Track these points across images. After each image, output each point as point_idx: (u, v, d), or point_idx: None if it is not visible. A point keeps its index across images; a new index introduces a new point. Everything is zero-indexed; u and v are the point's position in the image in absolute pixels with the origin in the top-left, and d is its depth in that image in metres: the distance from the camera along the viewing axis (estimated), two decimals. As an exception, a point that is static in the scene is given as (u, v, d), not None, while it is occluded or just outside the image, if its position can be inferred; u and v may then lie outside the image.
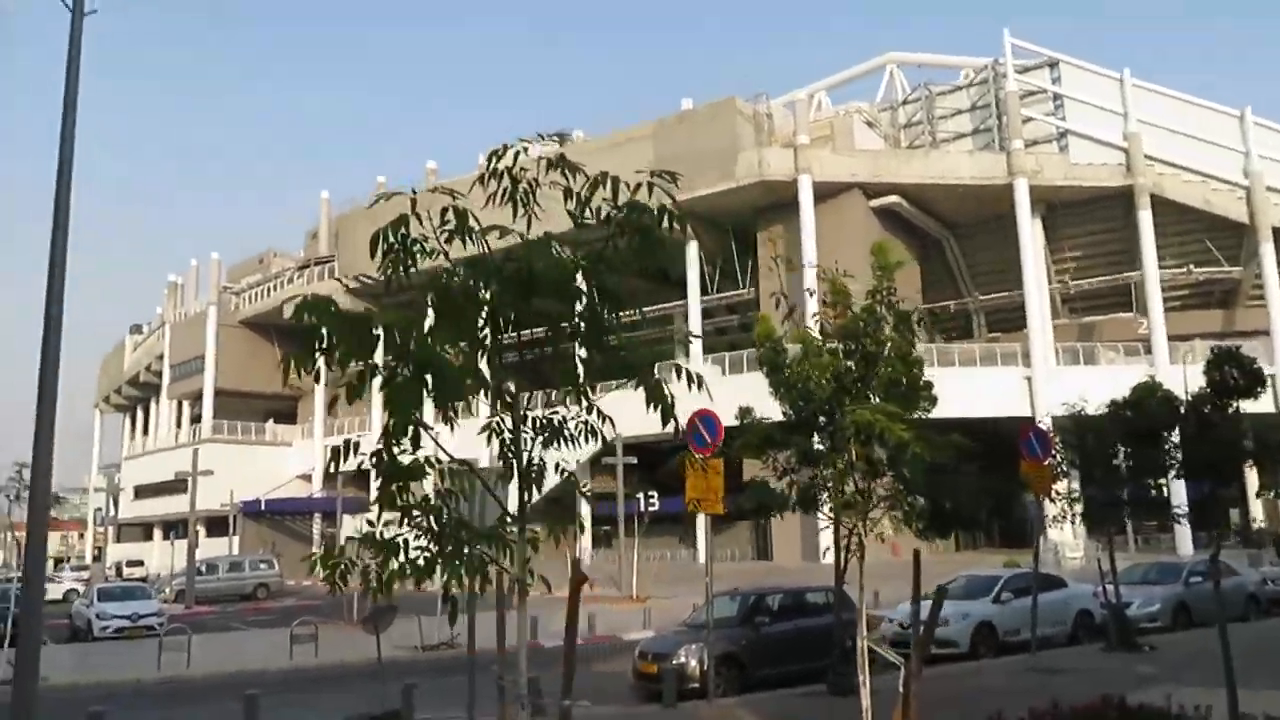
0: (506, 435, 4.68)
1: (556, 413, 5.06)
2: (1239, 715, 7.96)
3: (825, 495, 11.79)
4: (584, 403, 5.07)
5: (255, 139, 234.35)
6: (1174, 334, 51.47)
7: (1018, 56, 54.03)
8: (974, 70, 57.74)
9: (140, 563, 62.98)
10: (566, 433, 5.02)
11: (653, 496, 56.08)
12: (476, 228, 4.66)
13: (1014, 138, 51.31)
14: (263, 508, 62.62)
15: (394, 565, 3.98)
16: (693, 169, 51.87)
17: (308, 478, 68.27)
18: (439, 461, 4.38)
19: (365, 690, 12.51)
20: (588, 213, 4.99)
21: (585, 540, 56.84)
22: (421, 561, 3.93)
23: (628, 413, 6.11)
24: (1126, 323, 53.89)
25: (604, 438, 5.30)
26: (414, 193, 4.60)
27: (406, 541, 4.03)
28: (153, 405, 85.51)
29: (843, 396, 11.43)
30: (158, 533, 74.99)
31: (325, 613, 23.91)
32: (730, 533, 52.70)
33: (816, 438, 11.56)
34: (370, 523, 4.38)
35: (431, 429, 4.30)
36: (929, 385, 12.61)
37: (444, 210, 4.31)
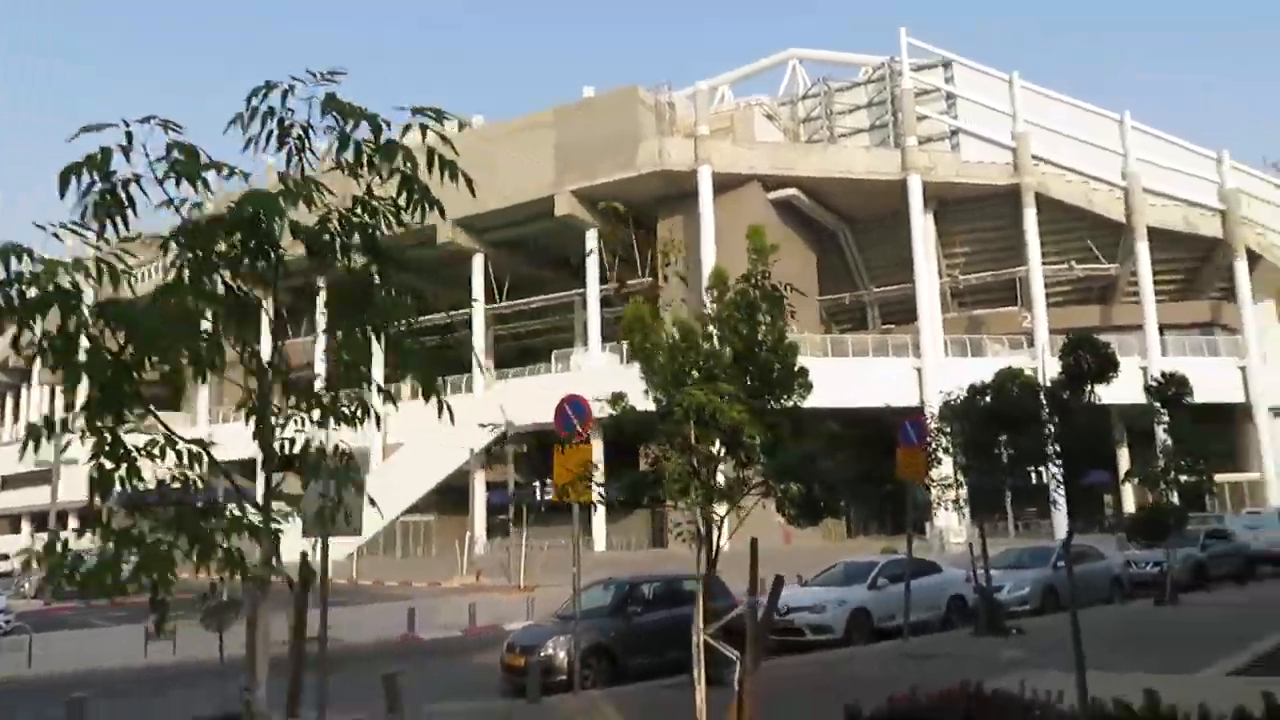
0: (256, 406, 4.17)
1: (332, 392, 4.51)
2: (1089, 699, 7.98)
3: (696, 483, 11.58)
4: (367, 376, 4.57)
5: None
6: (1056, 328, 53.25)
7: (913, 55, 55.14)
8: (872, 68, 58.73)
9: (5, 556, 59.61)
10: (344, 410, 4.49)
11: (548, 485, 55.62)
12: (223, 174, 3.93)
13: (908, 135, 52.36)
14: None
15: (122, 559, 3.47)
16: (594, 157, 51.61)
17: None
18: (173, 442, 3.83)
19: (219, 690, 11.85)
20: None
21: (480, 529, 56.15)
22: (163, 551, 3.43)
23: (525, 399, 5.77)
24: (1012, 316, 55.64)
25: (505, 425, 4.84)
26: (126, 124, 3.64)
27: (143, 533, 3.51)
28: (23, 391, 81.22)
29: (713, 384, 11.21)
30: (26, 525, 71.24)
31: (197, 607, 22.86)
32: (628, 522, 52.59)
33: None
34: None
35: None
36: (804, 372, 12.48)
37: (169, 147, 3.67)
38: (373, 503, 5.44)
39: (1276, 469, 51.35)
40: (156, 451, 3.67)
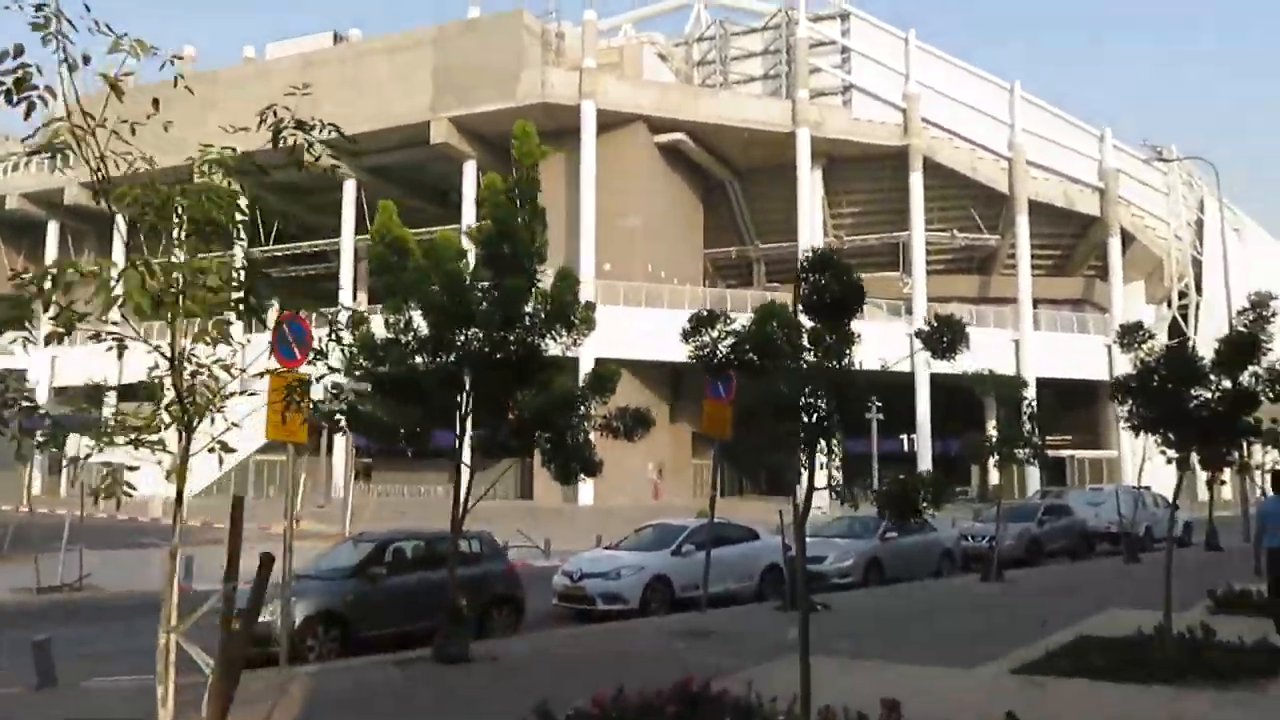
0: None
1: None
2: (821, 709, 6.66)
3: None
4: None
5: None
6: (935, 295, 53.20)
7: (812, 5, 53.75)
8: (769, 14, 57.12)
9: None
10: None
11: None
12: None
13: (800, 86, 51.06)
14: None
15: None
16: (474, 83, 48.80)
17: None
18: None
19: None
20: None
21: (339, 470, 53.60)
22: None
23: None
24: (893, 282, 55.34)
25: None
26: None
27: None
28: None
29: (465, 310, 9.49)
30: None
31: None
32: (497, 469, 50.79)
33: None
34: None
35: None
36: (589, 308, 10.88)
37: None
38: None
39: (1131, 447, 52.55)
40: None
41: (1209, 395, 9.70)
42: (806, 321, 7.44)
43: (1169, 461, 25.55)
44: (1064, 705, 8.14)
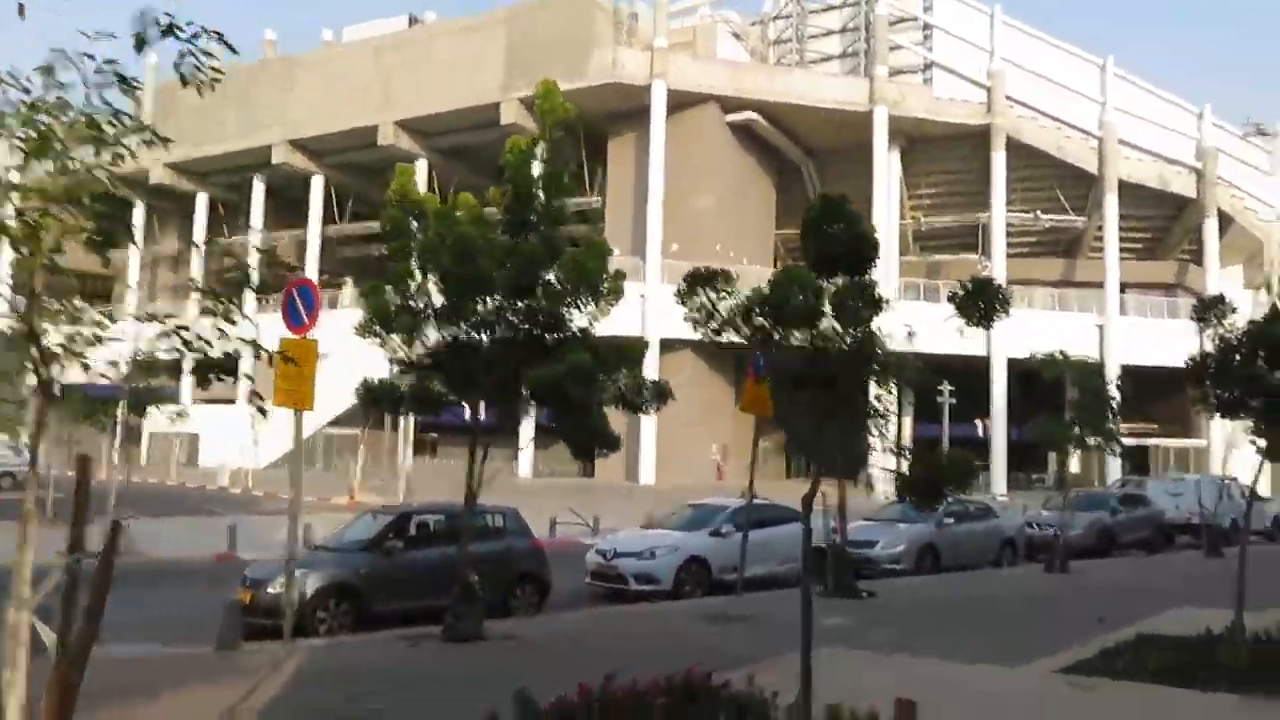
0: None
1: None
2: (828, 706, 6.07)
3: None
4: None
5: None
6: (1016, 278, 51.21)
7: (893, -21, 52.13)
8: (849, -10, 55.57)
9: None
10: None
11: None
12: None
13: (879, 64, 49.53)
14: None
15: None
16: (545, 63, 48.41)
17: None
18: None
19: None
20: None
21: (404, 444, 54.12)
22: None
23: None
24: (972, 264, 53.52)
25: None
26: None
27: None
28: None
29: (477, 276, 9.07)
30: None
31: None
32: (558, 449, 50.83)
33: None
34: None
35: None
36: (619, 276, 10.35)
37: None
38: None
39: (1221, 437, 49.95)
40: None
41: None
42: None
43: (1259, 451, 23.96)
44: (1110, 711, 7.39)
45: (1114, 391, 16.89)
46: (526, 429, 12.52)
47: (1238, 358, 8.99)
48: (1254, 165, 56.22)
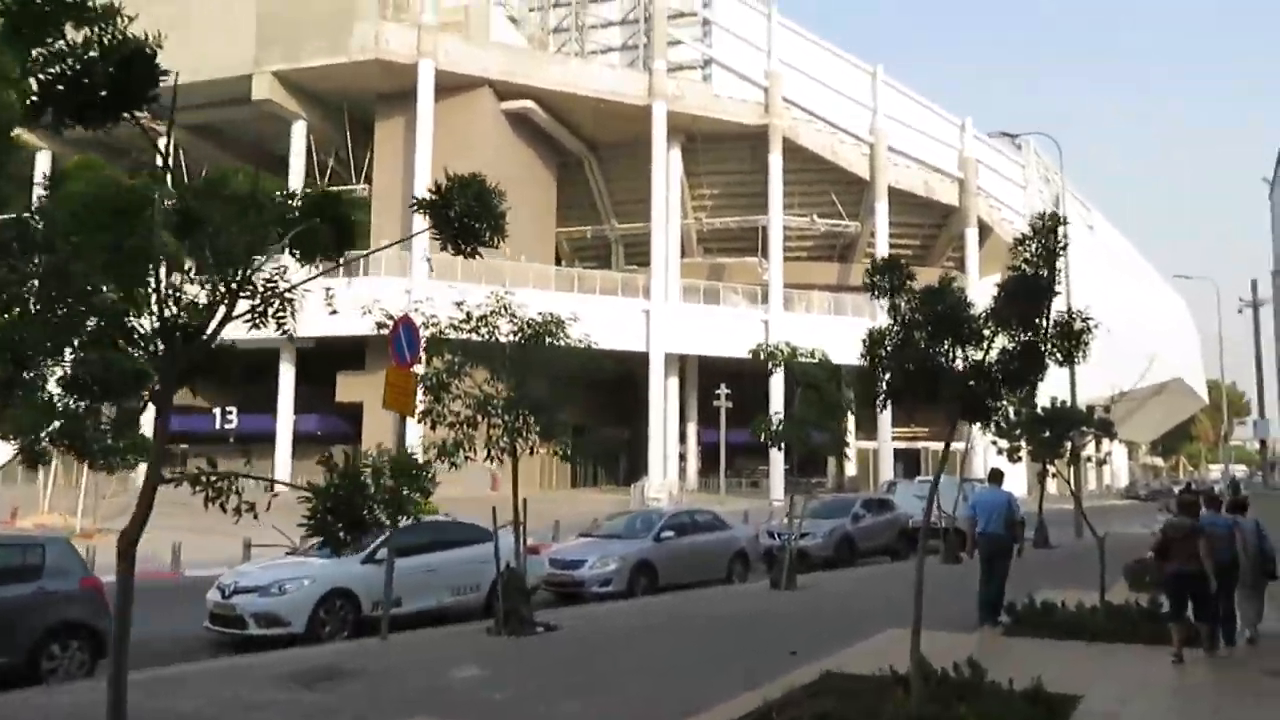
0: None
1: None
2: None
3: None
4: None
5: None
6: (795, 282, 51.46)
7: (674, -28, 51.18)
8: (631, -19, 54.28)
9: None
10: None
11: (230, 412, 48.72)
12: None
13: (658, 57, 48.39)
14: None
15: None
16: (302, 35, 44.51)
17: None
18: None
19: None
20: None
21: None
22: None
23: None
24: (753, 267, 53.40)
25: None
26: None
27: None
28: None
29: None
30: None
31: None
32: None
33: None
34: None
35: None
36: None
37: None
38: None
39: (984, 439, 51.80)
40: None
41: (981, 356, 7.19)
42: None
43: (1000, 452, 23.23)
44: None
45: (846, 391, 15.53)
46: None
47: (917, 335, 7.28)
48: (1013, 180, 59.03)
